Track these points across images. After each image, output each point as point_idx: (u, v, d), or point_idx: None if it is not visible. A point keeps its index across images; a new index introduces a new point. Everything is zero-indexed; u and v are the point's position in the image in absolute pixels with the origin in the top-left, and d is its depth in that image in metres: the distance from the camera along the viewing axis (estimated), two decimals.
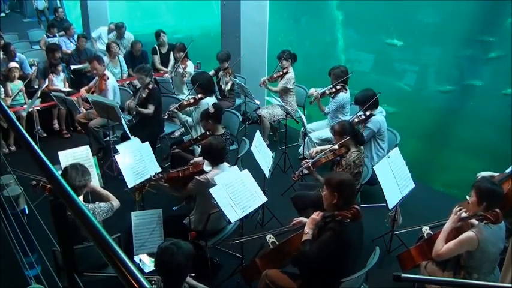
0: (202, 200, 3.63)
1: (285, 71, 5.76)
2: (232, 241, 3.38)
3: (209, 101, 4.77)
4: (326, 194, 2.90)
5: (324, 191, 2.93)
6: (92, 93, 5.68)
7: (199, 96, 4.88)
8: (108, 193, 3.45)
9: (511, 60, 5.40)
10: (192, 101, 4.87)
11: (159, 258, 2.42)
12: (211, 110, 4.23)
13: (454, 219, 3.00)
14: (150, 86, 5.29)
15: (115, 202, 3.37)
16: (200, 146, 4.13)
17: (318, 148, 4.22)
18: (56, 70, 6.41)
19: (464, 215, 2.97)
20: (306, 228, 2.86)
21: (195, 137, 4.61)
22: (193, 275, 2.69)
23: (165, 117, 5.01)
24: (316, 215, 2.86)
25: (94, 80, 5.86)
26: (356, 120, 4.51)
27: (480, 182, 2.99)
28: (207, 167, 3.62)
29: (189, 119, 4.88)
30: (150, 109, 5.22)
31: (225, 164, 3.69)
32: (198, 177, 3.57)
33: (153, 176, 3.78)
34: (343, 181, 2.87)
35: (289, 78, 5.73)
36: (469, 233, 2.84)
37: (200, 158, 3.86)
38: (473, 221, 2.93)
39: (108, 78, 5.67)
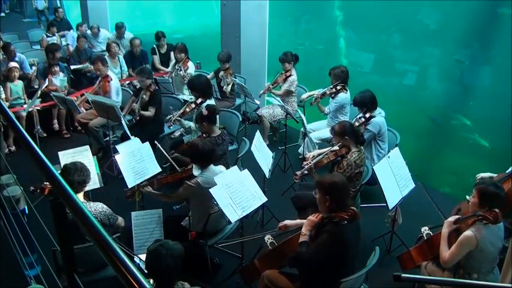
0: (197, 204, 3.62)
1: (288, 74, 5.75)
2: (230, 241, 3.35)
3: (209, 103, 4.77)
4: (319, 198, 2.86)
5: (316, 195, 2.89)
6: (95, 94, 5.68)
7: (200, 100, 4.88)
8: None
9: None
10: (193, 106, 4.88)
11: (147, 261, 2.39)
12: (205, 112, 4.22)
13: (449, 223, 3.00)
14: (152, 88, 5.29)
15: (120, 219, 3.38)
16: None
17: (315, 152, 4.22)
18: (54, 71, 6.39)
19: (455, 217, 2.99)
20: (304, 230, 2.85)
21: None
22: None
23: (170, 127, 5.02)
24: (315, 217, 2.85)
25: (97, 83, 5.84)
26: (357, 123, 4.50)
27: (484, 184, 2.96)
28: (196, 171, 3.60)
29: (192, 124, 4.88)
30: (151, 112, 5.24)
31: (212, 166, 3.66)
32: (188, 182, 3.54)
33: (142, 184, 3.74)
34: (334, 183, 2.81)
35: (292, 81, 5.72)
36: (467, 233, 2.84)
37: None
38: None
39: (111, 80, 5.68)
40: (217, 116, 4.48)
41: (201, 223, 3.53)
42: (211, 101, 5.00)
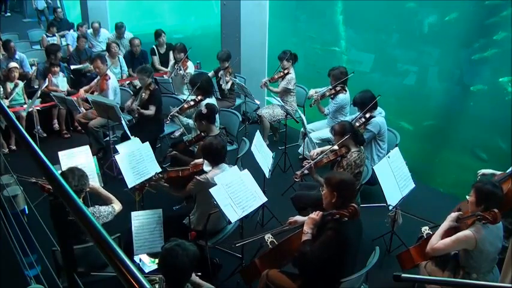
0: (203, 200, 3.62)
1: (286, 71, 5.75)
2: (235, 244, 3.34)
3: (208, 102, 4.77)
4: (326, 193, 2.90)
5: (323, 190, 2.94)
6: (93, 93, 5.69)
7: (199, 98, 4.87)
8: (111, 196, 3.43)
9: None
10: (192, 103, 4.87)
11: (163, 259, 2.39)
12: (204, 110, 4.21)
13: (452, 218, 3.01)
14: (152, 87, 5.29)
15: (117, 206, 3.36)
16: (199, 146, 4.12)
17: (318, 149, 4.22)
18: (54, 71, 6.39)
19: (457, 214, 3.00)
20: (306, 228, 2.86)
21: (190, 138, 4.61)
22: (199, 274, 2.69)
23: (167, 122, 5.02)
24: (316, 215, 2.86)
25: (95, 80, 5.86)
26: (357, 124, 4.50)
27: (481, 182, 2.98)
28: (206, 167, 3.62)
29: (190, 121, 4.88)
30: (152, 110, 5.23)
31: (225, 164, 3.69)
32: (197, 177, 3.57)
33: (154, 176, 3.78)
34: (343, 181, 2.87)
35: (290, 79, 5.73)
36: (467, 232, 2.85)
37: (201, 160, 3.86)
38: None
39: (109, 78, 5.69)
40: (217, 116, 4.48)
41: (202, 222, 3.54)
42: (211, 100, 5.00)
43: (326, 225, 2.81)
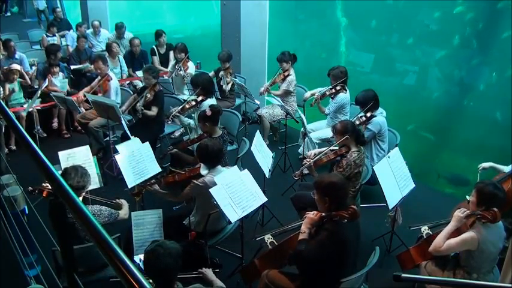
0: (203, 203, 3.62)
1: (286, 73, 5.74)
2: (255, 238, 3.30)
3: (210, 103, 4.77)
4: (318, 199, 2.87)
5: (315, 196, 2.89)
6: (94, 93, 5.69)
7: (200, 98, 4.87)
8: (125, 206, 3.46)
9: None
10: (193, 103, 4.88)
11: (146, 262, 2.40)
12: (209, 112, 4.21)
13: (458, 218, 2.96)
14: (156, 88, 5.31)
15: (123, 212, 3.37)
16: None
17: (316, 150, 4.22)
18: (53, 71, 6.39)
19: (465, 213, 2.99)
20: (303, 227, 2.85)
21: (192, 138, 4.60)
22: (217, 270, 2.68)
23: (169, 122, 5.02)
24: (314, 215, 2.85)
25: (96, 81, 5.85)
26: (357, 122, 4.51)
27: (483, 183, 2.97)
28: (203, 170, 3.60)
29: (191, 121, 4.88)
30: (154, 111, 5.25)
31: (220, 167, 3.67)
32: (195, 181, 3.55)
33: (148, 183, 3.76)
34: (332, 183, 2.81)
35: (290, 80, 5.72)
36: (471, 233, 2.85)
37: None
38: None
39: (111, 79, 5.69)
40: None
41: (203, 223, 3.54)
42: (212, 100, 5.00)
43: (323, 226, 2.81)
